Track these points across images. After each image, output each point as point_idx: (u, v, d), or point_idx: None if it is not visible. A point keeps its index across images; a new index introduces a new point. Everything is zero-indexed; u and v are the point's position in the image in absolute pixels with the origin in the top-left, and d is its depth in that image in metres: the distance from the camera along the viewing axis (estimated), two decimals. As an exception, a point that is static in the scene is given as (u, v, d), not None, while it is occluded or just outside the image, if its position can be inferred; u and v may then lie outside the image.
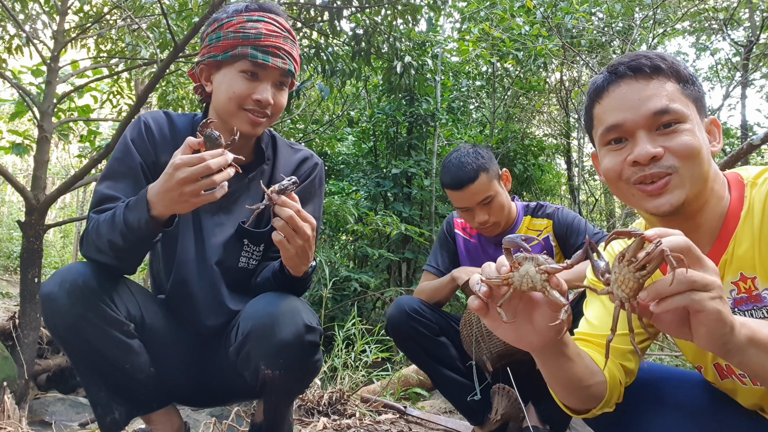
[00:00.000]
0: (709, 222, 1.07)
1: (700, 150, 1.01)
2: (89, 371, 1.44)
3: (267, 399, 1.51)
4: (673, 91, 1.03)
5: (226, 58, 1.44)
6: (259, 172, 1.60)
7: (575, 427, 2.11)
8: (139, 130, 1.52)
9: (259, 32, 1.44)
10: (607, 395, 1.08)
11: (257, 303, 1.43)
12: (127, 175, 1.46)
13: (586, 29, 6.11)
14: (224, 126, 1.50)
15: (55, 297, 1.32)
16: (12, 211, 14.26)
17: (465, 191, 1.98)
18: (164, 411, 1.53)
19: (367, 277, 5.56)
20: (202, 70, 1.51)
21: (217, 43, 1.45)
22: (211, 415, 2.87)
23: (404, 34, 4.89)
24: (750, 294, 1.04)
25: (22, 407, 2.91)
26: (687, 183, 1.01)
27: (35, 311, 3.38)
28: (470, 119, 7.82)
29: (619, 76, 1.06)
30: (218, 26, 1.47)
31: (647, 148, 1.01)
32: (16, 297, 5.82)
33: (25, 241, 3.41)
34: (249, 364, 1.40)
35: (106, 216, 1.35)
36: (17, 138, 4.41)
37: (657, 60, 1.05)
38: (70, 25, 4.42)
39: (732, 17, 6.37)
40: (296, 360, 1.38)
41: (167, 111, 1.60)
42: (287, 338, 1.34)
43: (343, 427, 2.36)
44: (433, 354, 2.01)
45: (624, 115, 1.04)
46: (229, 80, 1.45)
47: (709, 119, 1.09)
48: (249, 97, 1.45)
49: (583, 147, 7.98)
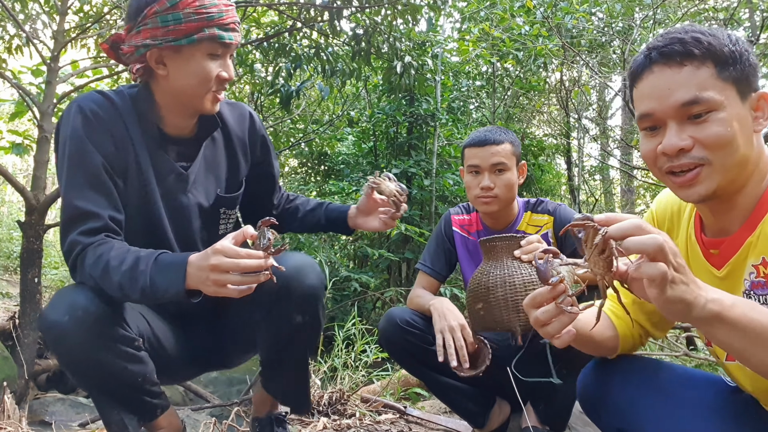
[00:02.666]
0: (745, 203, 1.05)
1: (732, 139, 0.98)
2: (102, 393, 1.42)
3: (289, 353, 1.56)
4: (706, 77, 0.98)
5: (191, 41, 1.34)
6: (210, 139, 1.58)
7: (575, 427, 2.11)
8: (87, 121, 1.37)
9: (220, 10, 1.36)
10: (620, 349, 1.22)
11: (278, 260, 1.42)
12: (93, 182, 1.36)
13: (586, 29, 6.11)
14: (180, 108, 1.46)
15: (64, 327, 1.26)
16: (12, 211, 14.25)
17: (485, 149, 1.97)
18: (165, 414, 1.53)
19: (367, 277, 5.56)
20: (153, 53, 1.36)
21: (177, 26, 1.32)
22: (211, 414, 2.87)
23: (404, 34, 4.89)
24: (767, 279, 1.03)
25: (22, 407, 2.91)
26: (718, 173, 0.99)
27: (35, 311, 3.38)
28: (470, 119, 7.81)
29: (652, 62, 1.03)
30: (170, 5, 1.32)
31: (674, 141, 1.00)
32: (16, 297, 5.82)
33: (25, 241, 3.41)
34: (278, 318, 1.47)
35: (121, 261, 1.26)
36: (17, 138, 4.41)
37: (691, 44, 0.99)
38: (70, 25, 4.42)
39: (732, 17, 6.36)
40: (321, 305, 1.50)
41: (101, 90, 1.46)
42: (314, 283, 1.46)
43: (343, 427, 2.36)
44: (428, 363, 1.96)
45: (653, 104, 1.02)
46: (196, 64, 1.37)
47: (758, 94, 1.02)
48: (218, 77, 1.41)
49: (583, 147, 7.98)
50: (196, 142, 1.54)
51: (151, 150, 1.47)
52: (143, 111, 1.46)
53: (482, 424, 2.02)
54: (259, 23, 5.25)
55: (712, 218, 1.12)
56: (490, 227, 2.10)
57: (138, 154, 1.45)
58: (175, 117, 1.48)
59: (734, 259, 1.08)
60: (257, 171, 1.71)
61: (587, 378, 1.31)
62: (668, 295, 0.83)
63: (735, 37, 1.01)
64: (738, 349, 0.90)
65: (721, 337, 0.89)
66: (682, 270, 0.85)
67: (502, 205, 2.01)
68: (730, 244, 1.08)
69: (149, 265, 1.24)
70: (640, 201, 9.94)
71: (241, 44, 4.58)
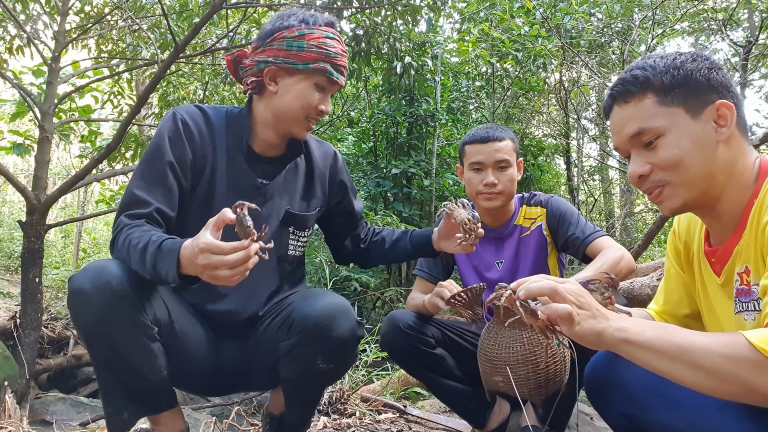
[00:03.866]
0: (730, 211, 1.10)
1: (682, 158, 1.05)
2: (107, 370, 1.44)
3: (307, 389, 1.58)
4: (650, 106, 1.07)
5: (306, 68, 1.53)
6: (293, 165, 1.70)
7: (574, 427, 2.12)
8: (175, 127, 1.54)
9: (336, 51, 1.56)
10: None
11: (309, 300, 1.50)
12: (157, 177, 1.48)
13: (585, 30, 6.13)
14: (276, 127, 1.60)
15: (86, 293, 1.32)
16: (13, 211, 14.27)
17: (488, 145, 2.00)
18: (170, 413, 1.54)
19: (367, 277, 5.57)
20: (271, 70, 1.55)
21: (299, 53, 1.52)
22: (211, 414, 2.88)
23: (404, 34, 4.91)
24: (749, 287, 1.07)
25: (23, 407, 2.92)
26: (681, 188, 1.08)
27: (36, 311, 3.39)
28: (470, 119, 7.82)
29: (612, 102, 1.15)
30: (299, 35, 1.53)
31: (633, 169, 1.11)
32: (17, 297, 5.83)
33: (26, 241, 3.42)
34: (302, 360, 1.48)
35: (138, 240, 1.33)
36: (18, 138, 4.42)
37: (630, 82, 1.10)
38: (71, 25, 4.43)
39: (731, 18, 6.37)
40: (350, 354, 1.52)
41: (200, 105, 1.64)
42: (344, 334, 1.45)
43: (343, 426, 2.37)
44: (432, 367, 1.98)
45: (615, 140, 1.15)
46: (302, 89, 1.55)
47: (714, 105, 1.05)
48: (317, 107, 1.57)
49: (582, 147, 7.99)
50: (279, 163, 1.67)
51: (235, 163, 1.60)
52: (238, 127, 1.62)
53: (482, 425, 2.03)
54: (260, 24, 5.26)
55: (708, 226, 1.19)
56: (489, 225, 2.10)
57: (217, 164, 1.59)
58: (268, 134, 1.62)
59: (727, 267, 1.13)
60: (337, 208, 1.84)
61: (596, 361, 1.29)
62: (576, 330, 0.96)
63: (681, 61, 1.08)
64: (660, 370, 0.95)
65: (639, 359, 0.96)
66: (587, 306, 0.97)
67: (506, 200, 2.04)
68: (723, 252, 1.14)
69: (153, 250, 1.29)
70: (639, 201, 9.94)
71: (242, 45, 4.59)
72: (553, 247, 2.07)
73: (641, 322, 0.99)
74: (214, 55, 5.12)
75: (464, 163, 2.09)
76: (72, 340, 4.03)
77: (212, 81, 5.55)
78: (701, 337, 0.92)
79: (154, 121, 5.65)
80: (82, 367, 4.00)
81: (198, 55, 4.44)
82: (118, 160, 5.05)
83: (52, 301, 5.64)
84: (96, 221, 14.93)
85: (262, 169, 1.64)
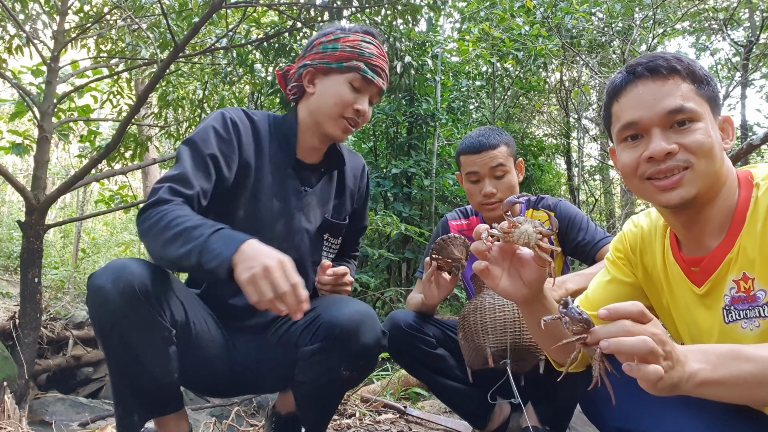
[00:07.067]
0: (717, 216, 1.12)
1: (713, 147, 1.06)
2: (121, 371, 1.43)
3: (325, 394, 1.58)
4: (687, 91, 1.08)
5: (340, 67, 1.59)
6: (329, 175, 1.73)
7: (575, 427, 2.11)
8: (225, 124, 1.57)
9: (371, 52, 1.61)
10: None
11: (336, 306, 1.49)
12: (201, 164, 1.50)
13: (586, 29, 6.12)
14: (315, 129, 1.63)
15: (106, 292, 1.30)
16: (12, 211, 14.25)
17: (483, 155, 1.97)
18: (175, 416, 1.53)
19: (367, 277, 5.57)
20: (309, 72, 1.62)
21: (333, 53, 1.59)
22: (211, 414, 2.87)
23: (404, 34, 4.90)
24: (748, 294, 1.08)
25: (22, 407, 2.91)
26: (700, 178, 1.06)
27: (35, 311, 3.38)
28: (470, 119, 7.82)
29: (637, 76, 1.11)
30: (334, 39, 1.61)
31: (662, 144, 1.06)
32: (16, 297, 5.81)
33: (25, 241, 3.41)
34: (325, 365, 1.48)
35: (186, 219, 1.32)
36: (17, 138, 4.41)
37: (673, 61, 1.09)
38: (70, 25, 4.42)
39: (732, 17, 6.37)
40: (372, 362, 1.53)
41: (244, 109, 1.67)
42: (370, 343, 1.46)
43: (343, 426, 2.37)
44: (433, 367, 1.97)
45: (640, 113, 1.10)
46: (338, 87, 1.59)
47: (723, 117, 1.13)
48: (351, 105, 1.59)
49: (583, 147, 7.98)
50: (318, 172, 1.72)
51: (279, 168, 1.64)
52: (283, 133, 1.66)
53: (483, 425, 2.02)
54: (259, 23, 5.25)
55: (685, 233, 1.17)
56: None
57: (262, 168, 1.62)
58: (310, 138, 1.66)
59: (715, 276, 1.12)
60: (353, 218, 1.86)
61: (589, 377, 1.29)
62: (659, 387, 0.88)
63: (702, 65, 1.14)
64: (734, 399, 0.94)
65: (713, 395, 0.93)
66: (670, 356, 0.88)
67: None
68: (710, 261, 1.13)
69: (210, 232, 1.28)
70: (640, 201, 9.94)
71: (241, 44, 4.59)
72: (560, 252, 2.05)
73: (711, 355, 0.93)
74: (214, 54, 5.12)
75: (462, 172, 2.08)
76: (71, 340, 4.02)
77: (212, 80, 5.54)
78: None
79: (153, 121, 5.65)
80: (81, 367, 4.00)
81: (197, 55, 4.44)
82: (117, 160, 5.05)
83: (51, 301, 5.63)
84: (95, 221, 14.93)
85: (303, 175, 1.68)
